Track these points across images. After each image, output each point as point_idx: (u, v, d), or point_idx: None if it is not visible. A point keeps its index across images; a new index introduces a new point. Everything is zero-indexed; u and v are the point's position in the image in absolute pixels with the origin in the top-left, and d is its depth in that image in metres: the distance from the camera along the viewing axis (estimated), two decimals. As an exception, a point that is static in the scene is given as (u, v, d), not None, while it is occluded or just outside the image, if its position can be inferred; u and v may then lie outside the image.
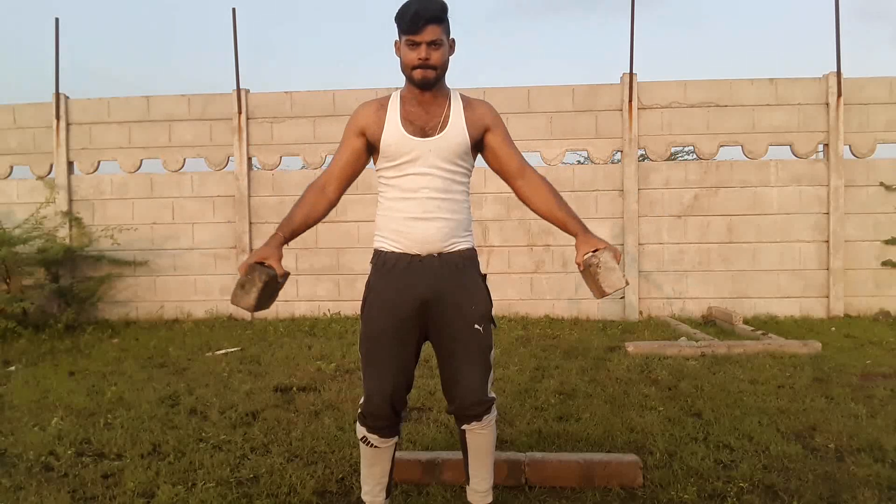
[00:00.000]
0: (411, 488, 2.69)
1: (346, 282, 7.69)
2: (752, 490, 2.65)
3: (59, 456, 3.12)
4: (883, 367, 4.83)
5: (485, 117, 2.16)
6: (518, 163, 2.21)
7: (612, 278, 2.00)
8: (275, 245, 2.07)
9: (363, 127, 2.13)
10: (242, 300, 1.97)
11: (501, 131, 2.19)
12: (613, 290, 2.01)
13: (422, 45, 2.00)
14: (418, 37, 1.99)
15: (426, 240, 2.08)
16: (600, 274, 2.01)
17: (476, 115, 2.14)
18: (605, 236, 7.42)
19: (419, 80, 2.03)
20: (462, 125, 2.11)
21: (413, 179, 2.08)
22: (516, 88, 7.55)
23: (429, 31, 1.99)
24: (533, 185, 2.20)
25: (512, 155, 2.21)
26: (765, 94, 7.36)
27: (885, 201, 7.29)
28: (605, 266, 2.01)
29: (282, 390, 4.33)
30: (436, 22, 1.99)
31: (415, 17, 1.97)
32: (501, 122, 2.21)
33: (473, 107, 2.16)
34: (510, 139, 2.21)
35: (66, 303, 7.42)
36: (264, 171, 7.86)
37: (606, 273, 2.01)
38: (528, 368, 4.82)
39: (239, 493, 2.68)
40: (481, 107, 2.18)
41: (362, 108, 2.16)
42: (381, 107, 2.13)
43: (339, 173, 2.18)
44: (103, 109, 7.86)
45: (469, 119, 2.12)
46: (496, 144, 2.18)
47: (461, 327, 2.11)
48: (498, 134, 2.18)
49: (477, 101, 2.19)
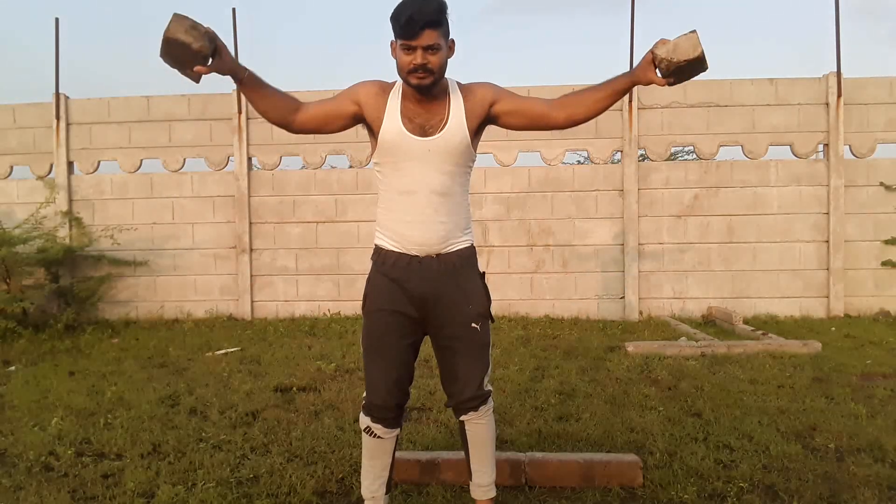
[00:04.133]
0: (411, 488, 2.69)
1: (346, 282, 7.69)
2: (752, 490, 2.65)
3: (59, 456, 3.12)
4: (883, 367, 4.83)
5: (485, 95, 2.11)
6: (541, 104, 2.13)
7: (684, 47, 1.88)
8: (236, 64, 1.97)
9: (361, 100, 2.09)
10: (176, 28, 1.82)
11: (508, 95, 2.13)
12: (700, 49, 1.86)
13: (418, 49, 1.91)
14: (414, 42, 1.90)
15: (424, 242, 2.08)
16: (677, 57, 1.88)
17: (476, 100, 2.09)
18: (605, 236, 7.45)
19: (415, 85, 1.98)
20: (462, 121, 2.06)
21: (411, 181, 2.06)
22: (516, 88, 7.50)
23: (425, 36, 1.90)
24: (565, 104, 2.10)
25: (531, 102, 2.14)
26: (765, 94, 7.36)
27: (885, 201, 7.29)
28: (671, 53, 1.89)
29: (282, 390, 4.33)
30: (433, 26, 1.90)
31: (410, 22, 1.87)
32: (505, 90, 2.14)
33: (472, 91, 2.11)
34: (521, 96, 2.16)
35: (66, 303, 7.42)
36: (264, 170, 7.86)
37: (677, 52, 1.88)
38: (527, 368, 4.82)
39: (239, 493, 2.68)
40: (480, 88, 2.12)
41: (366, 84, 2.11)
42: (384, 91, 2.08)
43: (313, 113, 2.10)
44: (103, 109, 7.86)
45: (469, 109, 2.07)
46: (510, 106, 2.12)
47: (459, 326, 2.13)
48: (505, 99, 2.12)
49: (475, 85, 2.13)
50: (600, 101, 2.06)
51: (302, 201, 7.73)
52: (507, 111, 2.12)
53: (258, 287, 7.77)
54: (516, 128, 2.19)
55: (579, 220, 7.52)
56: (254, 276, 7.75)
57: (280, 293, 7.76)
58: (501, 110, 2.12)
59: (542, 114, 2.12)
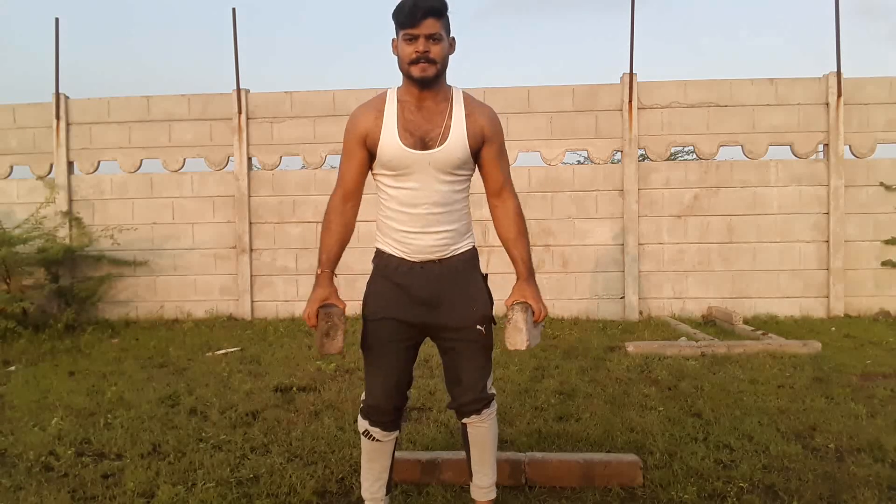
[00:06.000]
0: (411, 488, 2.69)
1: (346, 282, 7.57)
2: (752, 490, 2.65)
3: (59, 456, 3.12)
4: (883, 367, 4.83)
5: (485, 129, 2.08)
6: (500, 183, 2.15)
7: (514, 337, 2.06)
8: (327, 284, 2.10)
9: (364, 135, 2.06)
10: (332, 346, 2.03)
11: (497, 146, 2.12)
12: (513, 348, 2.07)
13: (420, 38, 1.91)
14: (416, 30, 1.91)
15: (426, 251, 2.08)
16: (507, 328, 2.08)
17: (477, 126, 2.06)
18: (605, 236, 7.44)
19: (418, 75, 1.95)
20: (463, 135, 2.03)
21: (412, 194, 2.04)
22: (516, 89, 7.55)
23: (427, 24, 1.91)
24: (504, 210, 2.16)
25: (498, 173, 2.14)
26: (765, 94, 7.36)
27: (885, 201, 7.29)
28: (513, 324, 2.07)
29: (282, 390, 4.33)
30: (435, 15, 1.92)
31: (413, 9, 1.89)
32: (500, 135, 2.13)
33: (475, 115, 2.07)
34: (503, 154, 2.16)
35: (66, 303, 7.42)
36: (264, 170, 7.86)
37: (512, 331, 2.06)
38: (528, 368, 4.82)
39: (239, 493, 2.68)
40: (483, 117, 2.08)
41: (361, 115, 2.08)
42: (377, 109, 2.06)
43: (353, 187, 2.13)
44: (103, 109, 7.86)
45: (470, 129, 2.05)
46: (488, 159, 2.12)
47: (464, 328, 2.12)
48: (493, 148, 2.11)
49: (480, 108, 2.09)
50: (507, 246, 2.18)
51: (302, 201, 7.73)
52: (483, 159, 2.12)
53: (258, 287, 7.77)
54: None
55: (579, 221, 7.52)
56: (254, 276, 7.75)
57: (280, 293, 7.76)
58: (483, 156, 2.12)
59: (491, 191, 2.19)
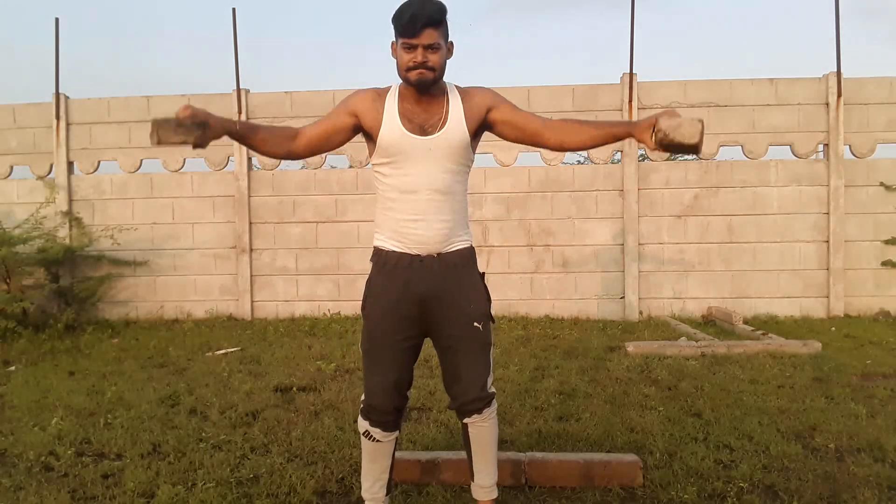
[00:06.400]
0: (411, 488, 2.69)
1: (346, 282, 7.69)
2: (752, 490, 2.65)
3: (59, 456, 3.12)
4: (883, 367, 4.83)
5: (484, 100, 2.13)
6: (537, 121, 2.17)
7: (685, 131, 1.95)
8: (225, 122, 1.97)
9: (357, 111, 2.11)
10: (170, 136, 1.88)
11: (506, 104, 2.16)
12: (697, 139, 1.94)
13: (418, 48, 1.96)
14: (415, 40, 1.95)
15: (426, 241, 2.09)
16: (674, 136, 1.95)
17: (474, 103, 2.12)
18: (605, 236, 7.45)
19: (416, 80, 2.00)
20: (461, 120, 2.08)
21: (412, 180, 2.07)
22: (516, 89, 7.54)
23: (426, 35, 1.95)
24: (560, 129, 2.14)
25: (528, 117, 2.17)
26: (765, 94, 7.36)
27: (885, 201, 7.29)
28: (671, 129, 1.95)
29: (282, 390, 4.33)
30: (434, 25, 1.95)
31: (412, 20, 1.93)
32: (503, 98, 2.17)
33: (471, 95, 2.13)
34: (519, 109, 2.18)
35: (66, 303, 7.42)
36: (264, 170, 7.86)
37: (677, 132, 1.95)
38: (528, 368, 4.82)
39: (239, 493, 2.68)
40: (479, 93, 2.15)
41: (359, 93, 2.13)
42: (379, 97, 2.11)
43: (312, 135, 2.12)
44: (103, 109, 7.86)
45: (468, 111, 2.10)
46: (507, 116, 2.15)
47: (461, 326, 2.13)
48: (503, 107, 2.15)
49: (474, 89, 2.16)
50: (594, 138, 2.12)
51: (302, 201, 7.74)
52: (503, 120, 2.15)
53: (258, 287, 7.77)
54: (509, 139, 2.21)
55: (579, 221, 7.52)
56: (254, 276, 7.75)
57: (280, 293, 7.77)
58: (498, 118, 2.15)
59: (536, 131, 2.15)
